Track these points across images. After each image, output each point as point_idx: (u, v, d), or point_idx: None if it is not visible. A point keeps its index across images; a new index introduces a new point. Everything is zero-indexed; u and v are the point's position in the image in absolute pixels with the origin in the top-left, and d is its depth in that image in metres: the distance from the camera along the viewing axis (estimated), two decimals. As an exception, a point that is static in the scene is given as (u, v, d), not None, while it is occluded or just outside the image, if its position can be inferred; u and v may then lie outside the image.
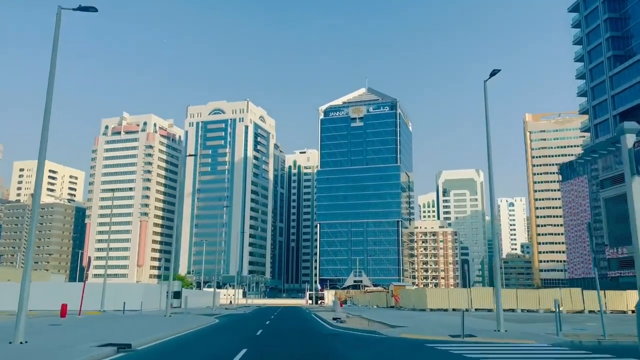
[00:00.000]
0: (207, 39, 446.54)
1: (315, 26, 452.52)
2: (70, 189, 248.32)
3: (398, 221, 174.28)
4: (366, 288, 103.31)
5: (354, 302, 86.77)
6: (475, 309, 44.80)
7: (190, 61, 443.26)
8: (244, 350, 15.34)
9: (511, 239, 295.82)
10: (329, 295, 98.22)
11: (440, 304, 45.93)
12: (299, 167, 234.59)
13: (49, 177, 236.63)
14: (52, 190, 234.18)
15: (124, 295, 43.79)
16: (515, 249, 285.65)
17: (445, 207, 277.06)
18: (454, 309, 44.95)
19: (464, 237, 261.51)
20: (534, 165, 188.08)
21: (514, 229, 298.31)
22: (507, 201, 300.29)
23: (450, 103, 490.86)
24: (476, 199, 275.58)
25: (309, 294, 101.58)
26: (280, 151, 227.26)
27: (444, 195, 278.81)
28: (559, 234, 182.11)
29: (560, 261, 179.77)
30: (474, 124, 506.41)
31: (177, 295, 58.62)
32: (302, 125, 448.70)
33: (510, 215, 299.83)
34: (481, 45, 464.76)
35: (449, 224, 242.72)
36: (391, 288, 66.31)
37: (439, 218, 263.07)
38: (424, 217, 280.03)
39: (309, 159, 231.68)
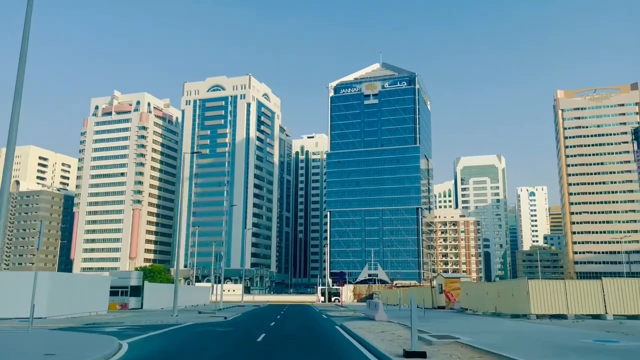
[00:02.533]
0: (206, 14, 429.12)
1: (320, 7, 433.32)
2: (63, 177, 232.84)
3: (418, 208, 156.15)
4: (395, 282, 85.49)
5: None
6: (614, 316, 26.53)
7: (188, 38, 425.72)
8: None
9: (532, 230, 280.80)
10: (347, 292, 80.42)
11: (552, 307, 27.04)
12: (307, 152, 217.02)
13: (39, 164, 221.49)
14: (42, 178, 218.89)
15: (24, 293, 26.02)
16: (537, 241, 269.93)
17: (464, 195, 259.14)
18: (577, 316, 26.64)
19: (485, 227, 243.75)
20: (566, 147, 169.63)
21: (535, 220, 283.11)
22: (527, 190, 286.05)
23: (462, 90, 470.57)
24: (497, 187, 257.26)
25: (321, 290, 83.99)
26: (287, 135, 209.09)
27: (462, 184, 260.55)
28: (597, 222, 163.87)
29: (599, 252, 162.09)
30: (491, 108, 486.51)
31: (135, 291, 40.86)
32: (309, 111, 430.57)
33: (531, 205, 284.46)
34: (498, 23, 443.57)
35: (469, 214, 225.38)
36: (439, 281, 47.03)
37: (457, 208, 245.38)
38: (440, 207, 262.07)
39: (318, 144, 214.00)
